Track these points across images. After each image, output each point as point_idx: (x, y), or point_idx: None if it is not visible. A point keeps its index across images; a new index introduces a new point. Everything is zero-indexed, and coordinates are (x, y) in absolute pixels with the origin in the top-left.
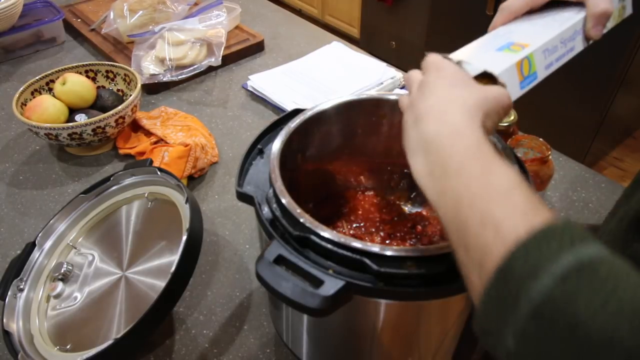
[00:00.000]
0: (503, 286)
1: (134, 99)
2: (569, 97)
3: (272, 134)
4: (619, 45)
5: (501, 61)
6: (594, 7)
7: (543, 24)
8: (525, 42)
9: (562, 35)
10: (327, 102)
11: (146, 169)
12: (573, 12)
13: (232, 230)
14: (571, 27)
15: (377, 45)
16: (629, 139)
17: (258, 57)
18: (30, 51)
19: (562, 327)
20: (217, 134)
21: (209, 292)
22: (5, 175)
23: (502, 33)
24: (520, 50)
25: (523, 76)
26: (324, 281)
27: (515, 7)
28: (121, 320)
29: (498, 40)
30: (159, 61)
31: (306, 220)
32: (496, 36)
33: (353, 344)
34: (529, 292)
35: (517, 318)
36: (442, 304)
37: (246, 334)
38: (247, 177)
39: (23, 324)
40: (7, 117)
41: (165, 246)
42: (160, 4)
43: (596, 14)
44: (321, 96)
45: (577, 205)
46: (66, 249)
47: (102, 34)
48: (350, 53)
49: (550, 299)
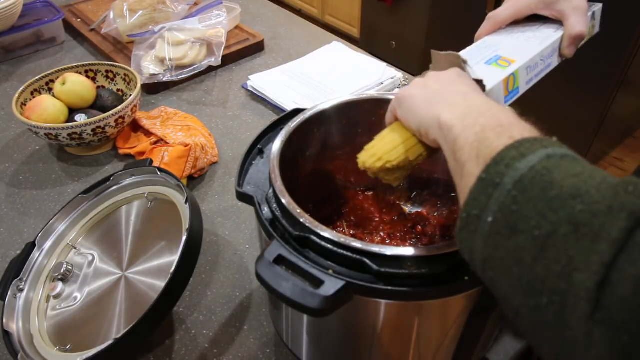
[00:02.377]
0: (494, 168)
1: (133, 99)
2: (569, 97)
3: (272, 134)
4: (619, 45)
5: (491, 76)
6: (571, 29)
7: (525, 39)
8: (512, 57)
9: (542, 53)
10: (327, 102)
11: (146, 169)
12: (552, 29)
13: (232, 230)
14: (550, 45)
15: (377, 45)
16: (629, 139)
17: (258, 57)
18: (30, 51)
19: (536, 192)
20: (217, 134)
21: (209, 292)
22: (5, 175)
23: (489, 44)
24: (507, 66)
25: (508, 91)
26: (324, 281)
27: (501, 18)
28: (121, 320)
29: (486, 52)
30: (159, 61)
31: (306, 220)
32: (483, 47)
33: (353, 344)
34: (514, 168)
35: (501, 191)
36: (442, 304)
37: (246, 334)
38: (247, 177)
39: (23, 324)
40: (7, 117)
41: (165, 246)
42: (160, 4)
43: (572, 35)
44: (321, 96)
45: None
46: (66, 249)
47: (102, 34)
48: (350, 53)
49: (531, 171)
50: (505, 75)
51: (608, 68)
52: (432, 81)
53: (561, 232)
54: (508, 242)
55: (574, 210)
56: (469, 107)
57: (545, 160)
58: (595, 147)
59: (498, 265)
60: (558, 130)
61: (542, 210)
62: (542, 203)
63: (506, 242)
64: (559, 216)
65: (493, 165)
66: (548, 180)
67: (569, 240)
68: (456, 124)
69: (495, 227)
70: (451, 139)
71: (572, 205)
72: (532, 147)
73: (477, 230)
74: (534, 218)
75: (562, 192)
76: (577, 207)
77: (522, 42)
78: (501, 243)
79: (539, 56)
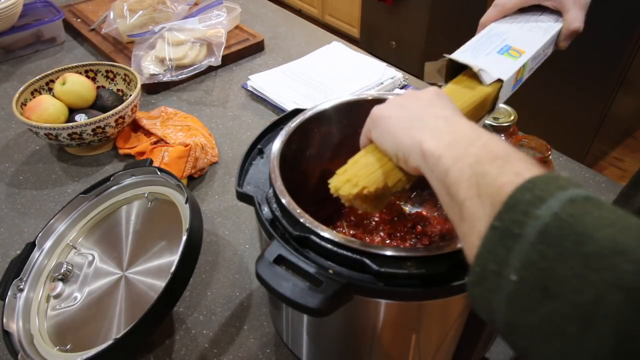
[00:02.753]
0: (509, 215)
1: (133, 99)
2: (569, 97)
3: (272, 134)
4: (619, 45)
5: (505, 67)
6: (570, 24)
7: (529, 28)
8: (521, 48)
9: (545, 45)
10: (327, 102)
11: (146, 169)
12: (551, 20)
13: (232, 230)
14: (551, 37)
15: (377, 45)
16: (629, 139)
17: (258, 57)
18: (30, 51)
19: (569, 245)
20: (217, 134)
21: (209, 292)
22: (5, 175)
23: (497, 32)
24: (518, 56)
25: (516, 80)
26: (324, 281)
27: (509, 6)
28: (121, 320)
29: (496, 41)
30: (159, 61)
31: (306, 220)
32: (492, 35)
33: (353, 344)
34: (535, 216)
35: (523, 244)
36: (442, 304)
37: (246, 334)
38: (247, 177)
39: (23, 324)
40: (7, 117)
41: (165, 246)
42: (160, 4)
43: (570, 30)
44: (321, 96)
45: None
46: (66, 249)
47: (102, 34)
48: (350, 53)
49: (555, 219)
50: (519, 66)
51: (608, 68)
52: (409, 101)
53: (611, 301)
54: (541, 307)
55: (621, 271)
56: (454, 133)
57: (568, 206)
58: (595, 147)
59: (530, 333)
60: (558, 130)
61: (581, 271)
62: (578, 261)
63: (538, 306)
64: (604, 279)
65: (507, 212)
66: (579, 232)
67: (623, 311)
68: (444, 153)
69: (521, 288)
70: (441, 171)
71: (616, 265)
72: (548, 188)
73: (498, 289)
74: (571, 280)
75: (600, 247)
76: (623, 266)
77: (527, 32)
78: (531, 307)
79: (542, 47)
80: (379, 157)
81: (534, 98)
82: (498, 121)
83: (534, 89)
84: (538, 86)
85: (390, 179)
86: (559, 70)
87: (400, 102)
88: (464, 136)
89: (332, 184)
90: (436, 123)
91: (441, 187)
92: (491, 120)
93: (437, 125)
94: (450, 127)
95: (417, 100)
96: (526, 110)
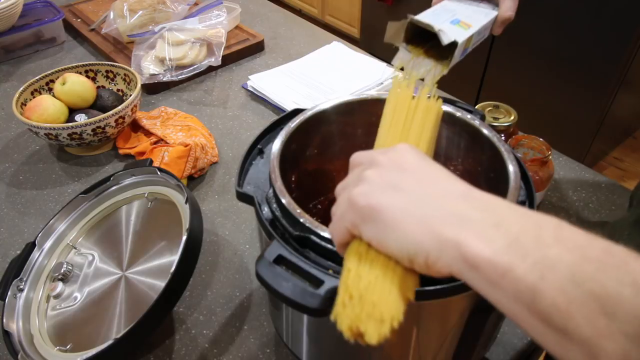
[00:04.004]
0: None
1: (133, 99)
2: (569, 97)
3: (272, 134)
4: (619, 45)
5: (458, 33)
6: (504, 13)
7: (473, 10)
8: (468, 22)
9: (486, 25)
10: (327, 102)
11: (146, 169)
12: (489, 7)
13: (232, 230)
14: (490, 21)
15: (377, 45)
16: (629, 139)
17: (258, 57)
18: (30, 51)
19: None
20: (217, 134)
21: (209, 292)
22: (5, 175)
23: (448, 9)
24: (467, 28)
25: (464, 49)
26: (324, 281)
27: None
28: (121, 320)
29: (448, 15)
30: (159, 61)
31: (306, 220)
32: (445, 10)
33: (353, 344)
34: None
35: None
36: (442, 304)
37: (246, 334)
38: (247, 177)
39: (23, 324)
40: (7, 117)
41: (165, 246)
42: (160, 4)
43: (503, 17)
44: (321, 96)
45: (577, 205)
46: (66, 249)
47: (102, 34)
48: (350, 53)
49: None
50: (468, 35)
51: (608, 68)
52: (394, 176)
53: None
54: None
55: None
56: (501, 224)
57: None
58: (595, 147)
59: None
60: (558, 130)
61: None
62: None
63: None
64: None
65: None
66: None
67: None
68: (511, 261)
69: None
70: (518, 290)
71: None
72: None
73: None
74: None
75: None
76: None
77: (472, 12)
78: None
79: (484, 27)
80: (383, 263)
81: (534, 98)
82: (498, 121)
83: (534, 89)
84: (538, 86)
85: (409, 291)
86: (559, 70)
87: (384, 180)
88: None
89: (345, 326)
90: (458, 207)
91: (527, 314)
92: (491, 121)
93: (461, 210)
94: (484, 213)
95: (405, 173)
96: (526, 110)
